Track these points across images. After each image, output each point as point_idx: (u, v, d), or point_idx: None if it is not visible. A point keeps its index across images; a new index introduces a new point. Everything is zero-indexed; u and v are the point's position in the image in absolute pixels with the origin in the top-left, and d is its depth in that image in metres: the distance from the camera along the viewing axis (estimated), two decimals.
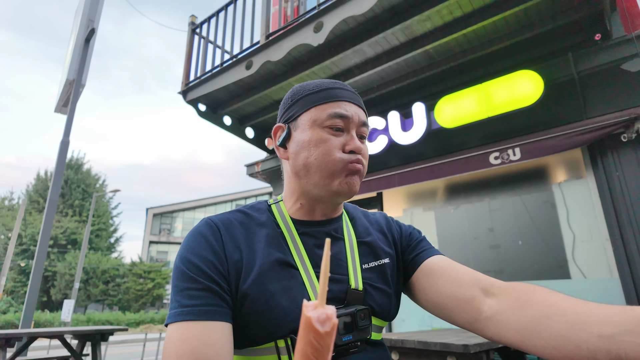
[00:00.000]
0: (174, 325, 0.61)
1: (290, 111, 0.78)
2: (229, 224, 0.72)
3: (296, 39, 3.85)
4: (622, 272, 3.15)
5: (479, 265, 4.05)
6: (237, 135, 5.43)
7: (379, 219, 0.90)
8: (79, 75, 4.62)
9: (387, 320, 0.78)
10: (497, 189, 4.13)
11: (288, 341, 0.65)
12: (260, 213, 0.77)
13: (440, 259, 0.78)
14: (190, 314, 0.60)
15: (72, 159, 28.32)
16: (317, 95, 0.76)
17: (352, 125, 0.75)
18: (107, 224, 28.78)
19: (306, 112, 0.75)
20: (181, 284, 0.64)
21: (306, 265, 0.71)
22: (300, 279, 0.69)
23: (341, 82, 0.80)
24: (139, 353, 8.26)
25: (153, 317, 19.10)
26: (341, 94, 0.76)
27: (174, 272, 0.67)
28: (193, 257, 0.66)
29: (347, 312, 0.67)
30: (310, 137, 0.73)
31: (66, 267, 23.79)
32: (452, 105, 3.96)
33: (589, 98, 3.51)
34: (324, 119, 0.73)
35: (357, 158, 0.73)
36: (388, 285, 0.78)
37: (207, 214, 35.37)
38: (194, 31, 5.12)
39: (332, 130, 0.73)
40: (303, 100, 0.77)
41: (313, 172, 0.72)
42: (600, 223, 3.38)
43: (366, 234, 0.83)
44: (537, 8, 3.32)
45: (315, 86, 0.78)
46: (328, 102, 0.75)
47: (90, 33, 4.37)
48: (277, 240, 0.72)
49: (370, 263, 0.78)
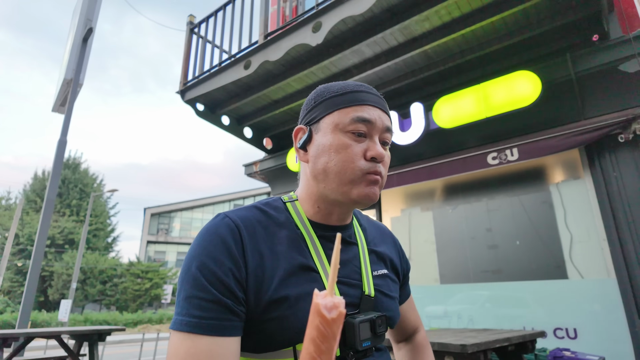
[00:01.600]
0: (180, 334, 0.59)
1: (312, 113, 0.76)
2: (249, 223, 0.69)
3: (295, 38, 3.85)
4: (619, 273, 3.16)
5: (477, 265, 4.05)
6: (236, 135, 5.43)
7: (387, 233, 0.94)
8: (77, 75, 4.61)
9: (392, 327, 0.80)
10: (495, 189, 4.14)
11: None
12: (279, 212, 0.75)
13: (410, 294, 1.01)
14: (198, 327, 0.59)
15: (70, 158, 28.23)
16: (341, 98, 0.73)
17: (375, 131, 0.72)
18: (105, 223, 28.69)
19: (329, 115, 0.73)
20: (192, 291, 0.61)
21: (326, 269, 0.70)
22: (321, 283, 0.68)
23: (367, 85, 0.77)
24: (137, 353, 8.25)
25: (151, 317, 19.07)
26: (366, 98, 0.73)
27: (185, 274, 0.63)
28: (209, 261, 0.62)
29: (366, 319, 0.67)
30: (331, 142, 0.71)
31: (63, 267, 23.72)
32: (450, 106, 3.97)
33: (587, 99, 3.52)
34: (346, 123, 0.71)
35: (376, 169, 0.70)
36: (393, 293, 0.80)
37: (205, 214, 35.26)
38: (192, 31, 5.11)
39: (355, 135, 0.70)
40: (326, 102, 0.74)
41: (332, 178, 0.70)
42: (598, 223, 3.40)
43: (375, 243, 0.84)
44: (535, 9, 3.33)
45: (339, 88, 0.75)
46: (352, 106, 0.72)
47: (88, 32, 4.35)
48: (298, 243, 0.71)
49: (379, 271, 0.79)
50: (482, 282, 3.99)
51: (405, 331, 0.98)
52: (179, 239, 33.14)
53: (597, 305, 3.30)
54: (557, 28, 3.52)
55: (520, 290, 3.73)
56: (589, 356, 2.94)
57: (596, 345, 3.21)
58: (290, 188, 5.56)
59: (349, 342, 0.65)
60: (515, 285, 3.77)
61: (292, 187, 5.53)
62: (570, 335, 3.36)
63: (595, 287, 3.35)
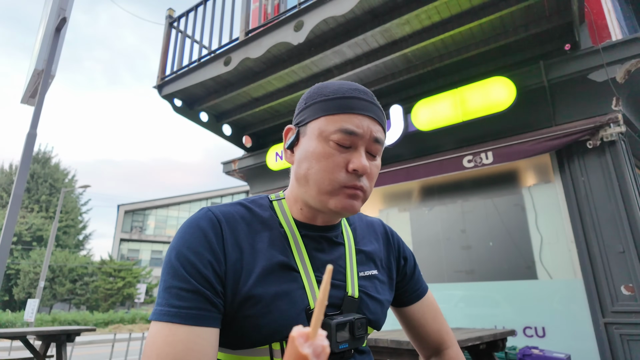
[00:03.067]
0: (158, 324, 0.59)
1: (302, 114, 0.73)
2: (231, 218, 0.69)
3: (276, 36, 3.83)
4: (585, 273, 3.30)
5: (451, 265, 4.14)
6: (214, 132, 5.35)
7: (379, 229, 0.90)
8: (49, 66, 4.43)
9: (377, 330, 0.78)
10: (470, 192, 4.24)
11: (283, 344, 0.64)
12: (263, 209, 0.74)
13: (429, 298, 0.91)
14: (177, 316, 0.58)
15: (40, 152, 27.19)
16: (330, 103, 0.69)
17: (361, 142, 0.68)
18: (76, 220, 27.79)
19: (315, 120, 0.70)
20: (172, 281, 0.61)
21: (307, 269, 0.70)
22: (301, 283, 0.68)
23: (362, 90, 0.72)
24: (107, 354, 8.03)
25: (123, 317, 18.57)
26: (355, 105, 0.69)
27: (165, 265, 0.63)
28: (189, 253, 0.62)
29: (345, 320, 0.66)
30: (314, 149, 0.68)
31: (31, 265, 22.82)
32: (428, 109, 4.04)
33: (558, 105, 3.65)
34: (331, 132, 0.67)
35: (355, 182, 0.67)
36: (381, 295, 0.78)
37: (181, 212, 34.61)
38: (171, 25, 5.01)
39: (338, 146, 0.67)
40: (315, 106, 0.71)
41: (311, 185, 0.68)
42: (566, 226, 3.53)
43: (364, 243, 0.82)
44: (511, 17, 3.43)
45: (331, 91, 0.71)
46: (339, 114, 0.68)
47: (62, 22, 4.19)
48: (281, 241, 0.70)
49: (366, 271, 0.77)
50: (455, 282, 4.07)
51: (428, 344, 0.89)
52: (154, 237, 32.42)
53: (565, 304, 3.43)
54: (532, 36, 3.64)
55: (492, 290, 3.84)
56: (556, 354, 3.05)
57: (563, 343, 3.34)
58: (269, 187, 5.53)
59: None
60: (487, 286, 3.87)
61: (271, 186, 5.50)
62: (538, 334, 3.48)
63: (562, 287, 3.48)
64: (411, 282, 0.89)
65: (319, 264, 0.71)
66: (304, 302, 0.66)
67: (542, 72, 3.60)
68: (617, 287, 3.11)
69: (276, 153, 5.13)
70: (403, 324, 0.91)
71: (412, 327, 0.89)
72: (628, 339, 3.02)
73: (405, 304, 0.88)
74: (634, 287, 3.04)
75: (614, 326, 3.09)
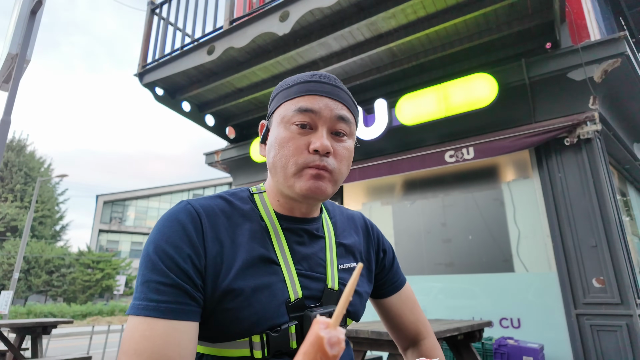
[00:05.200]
0: (136, 318, 0.58)
1: (271, 107, 0.75)
2: (211, 212, 0.68)
3: (261, 26, 3.78)
4: (560, 266, 3.41)
5: (432, 258, 4.21)
6: (197, 123, 5.27)
7: (359, 222, 0.90)
8: (24, 50, 4.26)
9: (355, 321, 0.80)
10: (451, 186, 4.31)
11: (263, 337, 0.64)
12: (244, 203, 0.74)
13: (407, 290, 0.93)
14: (155, 310, 0.57)
15: (14, 139, 26.24)
16: (290, 90, 0.72)
17: (321, 121, 0.69)
18: (53, 210, 27.03)
19: (278, 109, 0.72)
20: (150, 275, 0.60)
21: (288, 261, 0.70)
22: (282, 276, 0.68)
23: (324, 75, 0.73)
24: (85, 346, 7.90)
25: (101, 309, 18.24)
26: (313, 88, 0.70)
27: (143, 259, 0.62)
28: (168, 247, 0.61)
29: (324, 312, 0.68)
30: (276, 135, 0.70)
31: (4, 256, 22.15)
32: (412, 104, 4.07)
33: (538, 103, 3.73)
34: (290, 115, 0.69)
35: (317, 162, 0.67)
36: (360, 287, 0.80)
37: (162, 204, 34.08)
38: (153, 11, 4.88)
39: (299, 127, 0.68)
40: (278, 96, 0.74)
41: (279, 172, 0.69)
42: (543, 220, 3.63)
43: (344, 236, 0.83)
44: (495, 14, 3.47)
45: (292, 80, 0.73)
46: (296, 97, 0.70)
47: (37, 4, 4.03)
48: (261, 234, 0.70)
49: (345, 264, 0.78)
50: (435, 274, 4.15)
51: (405, 335, 0.90)
52: (134, 229, 31.84)
53: (539, 296, 3.54)
54: (514, 34, 3.69)
55: (470, 282, 3.93)
56: (530, 344, 3.15)
57: (537, 334, 3.45)
58: (253, 179, 5.49)
59: (305, 335, 0.66)
60: (466, 278, 3.96)
61: (254, 178, 5.47)
62: (514, 325, 3.59)
63: (538, 280, 3.59)
64: (390, 274, 0.90)
65: (299, 257, 0.72)
66: (284, 295, 0.66)
67: (524, 70, 3.66)
68: (589, 279, 3.23)
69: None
70: (381, 316, 0.93)
71: (390, 318, 0.90)
72: (598, 329, 3.14)
73: (383, 295, 0.90)
74: (604, 279, 3.16)
75: (585, 317, 3.21)
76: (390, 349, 2.17)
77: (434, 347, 0.89)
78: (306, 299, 0.69)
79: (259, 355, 0.63)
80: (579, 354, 3.17)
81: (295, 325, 0.66)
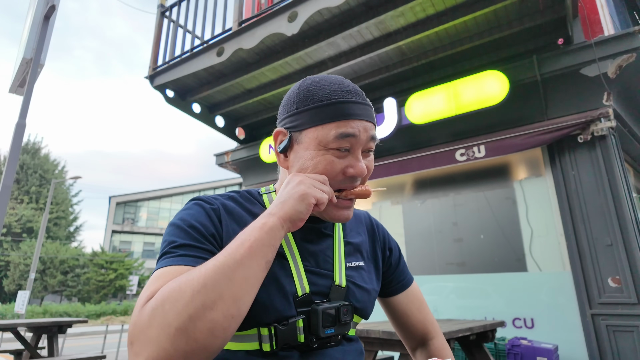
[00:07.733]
0: (165, 268, 0.58)
1: (294, 120, 0.72)
2: (227, 206, 0.72)
3: (270, 27, 3.79)
4: (574, 266, 3.35)
5: (443, 257, 4.18)
6: (207, 124, 5.31)
7: (365, 221, 0.92)
8: (38, 54, 4.35)
9: (364, 318, 0.80)
10: (462, 185, 4.27)
11: (272, 330, 0.65)
12: (252, 203, 0.76)
13: (414, 289, 0.93)
14: (188, 259, 0.60)
15: (29, 142, 26.78)
16: (325, 110, 0.69)
17: (358, 145, 0.70)
18: (67, 212, 27.50)
19: (311, 129, 0.69)
20: (179, 240, 0.63)
21: (295, 257, 0.72)
22: (289, 271, 0.70)
23: (354, 90, 0.72)
24: (99, 346, 8.02)
25: (115, 309, 18.50)
26: (351, 111, 0.69)
27: (170, 231, 0.65)
28: (194, 222, 0.65)
29: (331, 307, 0.69)
30: (313, 157, 0.69)
31: (21, 256, 22.60)
32: (422, 102, 4.04)
33: (550, 100, 3.67)
34: (329, 140, 0.68)
35: (350, 186, 0.71)
36: (368, 284, 0.81)
37: (173, 204, 34.41)
38: (163, 14, 4.93)
39: (338, 151, 0.69)
40: (309, 113, 0.70)
41: None
42: (556, 219, 3.57)
43: (352, 235, 0.84)
44: (505, 10, 3.43)
45: (324, 96, 0.70)
46: (337, 122, 0.68)
47: (50, 10, 4.11)
48: None
49: (353, 262, 0.80)
50: (447, 274, 4.12)
51: (413, 334, 0.91)
52: (146, 229, 32.23)
53: (553, 296, 3.49)
54: (525, 30, 3.64)
55: (482, 282, 3.89)
56: (544, 344, 3.11)
57: (551, 334, 3.40)
58: (262, 179, 5.51)
59: (312, 329, 0.67)
60: (478, 278, 3.92)
61: (264, 178, 5.49)
62: (527, 325, 3.54)
63: (551, 280, 3.53)
64: (396, 273, 0.91)
65: (306, 254, 0.73)
66: (291, 289, 0.68)
67: (535, 67, 3.61)
68: (604, 279, 3.17)
69: (269, 145, 5.11)
70: (389, 315, 0.94)
71: (397, 317, 0.91)
72: (614, 329, 3.08)
73: (390, 294, 0.90)
74: (620, 279, 3.10)
75: (600, 317, 3.15)
76: (402, 349, 2.16)
77: (443, 347, 0.89)
78: (313, 294, 0.70)
79: (268, 349, 0.65)
80: (595, 355, 3.12)
81: (303, 319, 0.67)
